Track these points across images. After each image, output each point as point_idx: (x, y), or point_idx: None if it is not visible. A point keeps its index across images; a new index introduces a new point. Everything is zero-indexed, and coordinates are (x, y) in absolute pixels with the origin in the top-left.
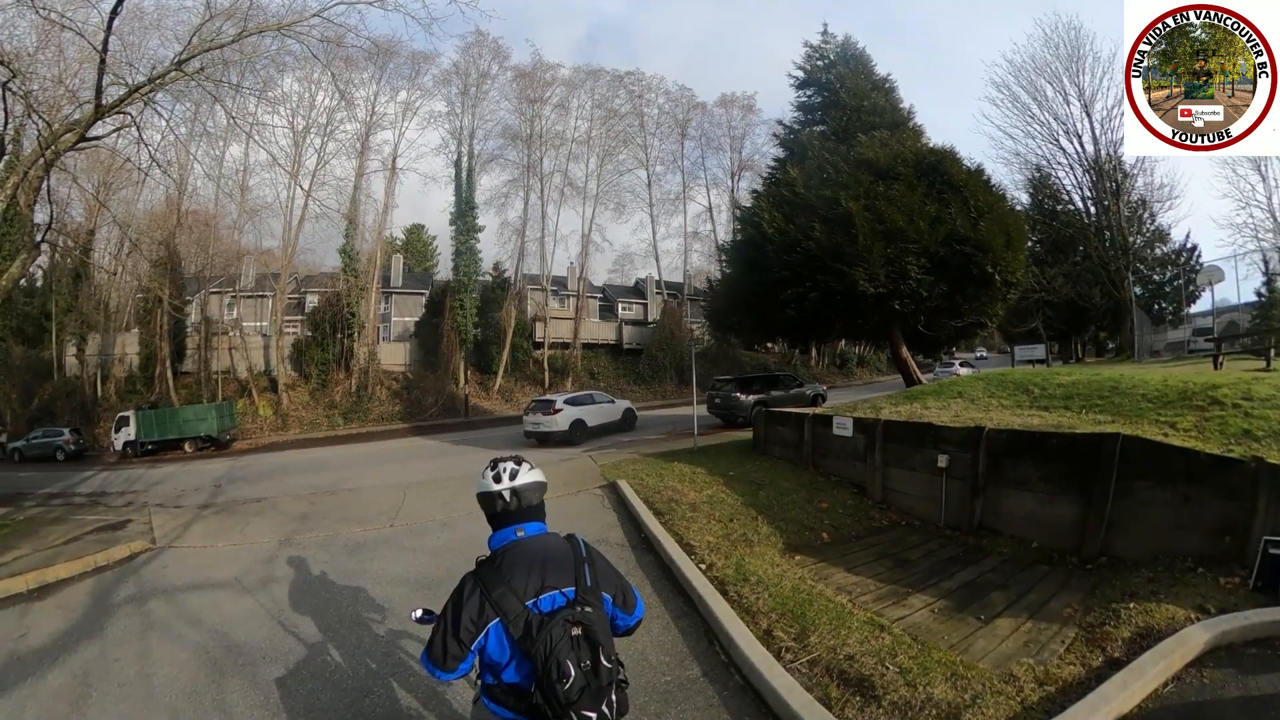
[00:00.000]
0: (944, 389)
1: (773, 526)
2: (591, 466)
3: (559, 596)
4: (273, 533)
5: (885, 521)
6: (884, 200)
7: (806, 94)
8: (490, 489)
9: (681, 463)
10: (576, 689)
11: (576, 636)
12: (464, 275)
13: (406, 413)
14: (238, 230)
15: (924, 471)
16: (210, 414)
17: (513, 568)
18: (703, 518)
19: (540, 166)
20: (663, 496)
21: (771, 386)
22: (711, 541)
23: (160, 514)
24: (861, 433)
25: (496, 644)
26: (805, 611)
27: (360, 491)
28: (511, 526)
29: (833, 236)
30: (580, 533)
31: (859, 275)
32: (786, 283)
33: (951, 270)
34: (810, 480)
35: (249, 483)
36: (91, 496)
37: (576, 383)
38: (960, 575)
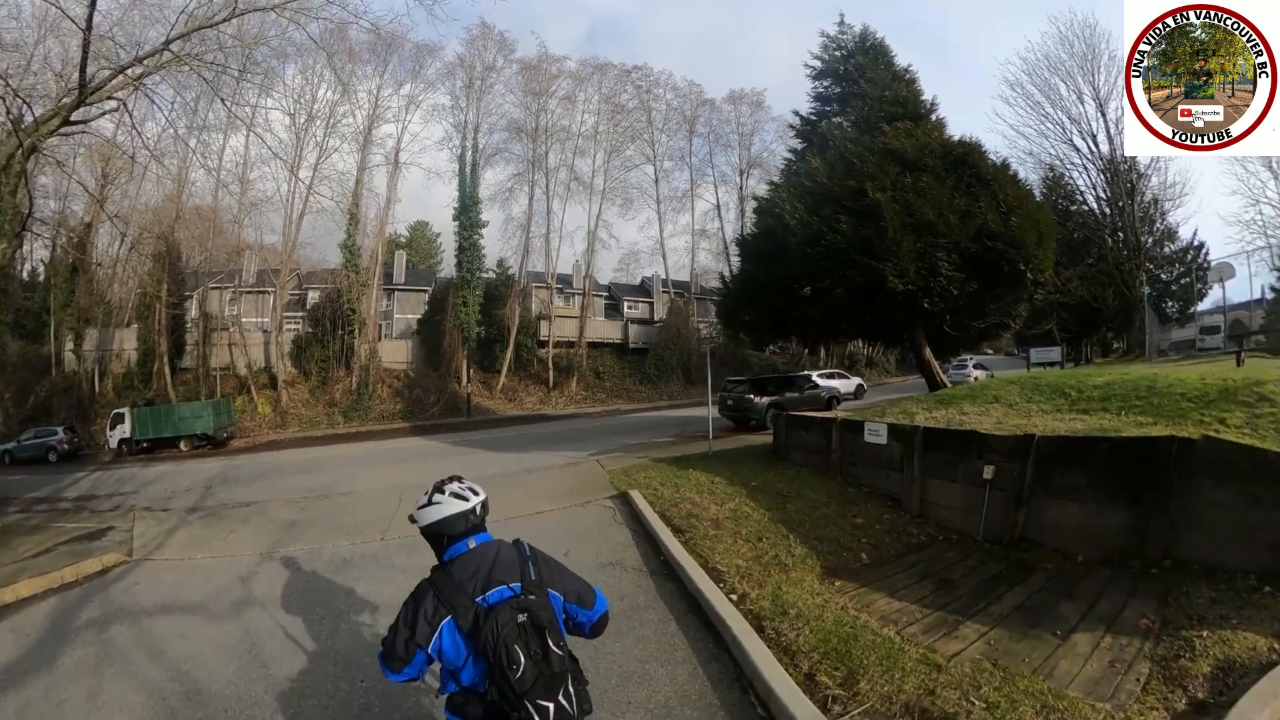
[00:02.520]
0: (977, 393)
1: (807, 546)
2: (598, 472)
3: (505, 590)
4: (256, 543)
5: (924, 537)
6: (912, 192)
7: (823, 84)
8: (461, 509)
9: (697, 470)
10: (529, 678)
11: (523, 623)
12: (467, 271)
13: (408, 411)
14: (237, 224)
15: (966, 482)
16: (206, 411)
17: (464, 571)
18: (728, 536)
19: (546, 161)
20: (681, 510)
21: (786, 388)
22: (741, 566)
23: (144, 520)
24: (898, 440)
25: (451, 642)
26: (851, 649)
27: (354, 496)
28: (465, 539)
29: (860, 229)
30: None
31: (888, 271)
32: (809, 277)
33: (983, 267)
34: (840, 491)
35: (241, 484)
36: (78, 501)
37: (581, 382)
38: (1008, 598)
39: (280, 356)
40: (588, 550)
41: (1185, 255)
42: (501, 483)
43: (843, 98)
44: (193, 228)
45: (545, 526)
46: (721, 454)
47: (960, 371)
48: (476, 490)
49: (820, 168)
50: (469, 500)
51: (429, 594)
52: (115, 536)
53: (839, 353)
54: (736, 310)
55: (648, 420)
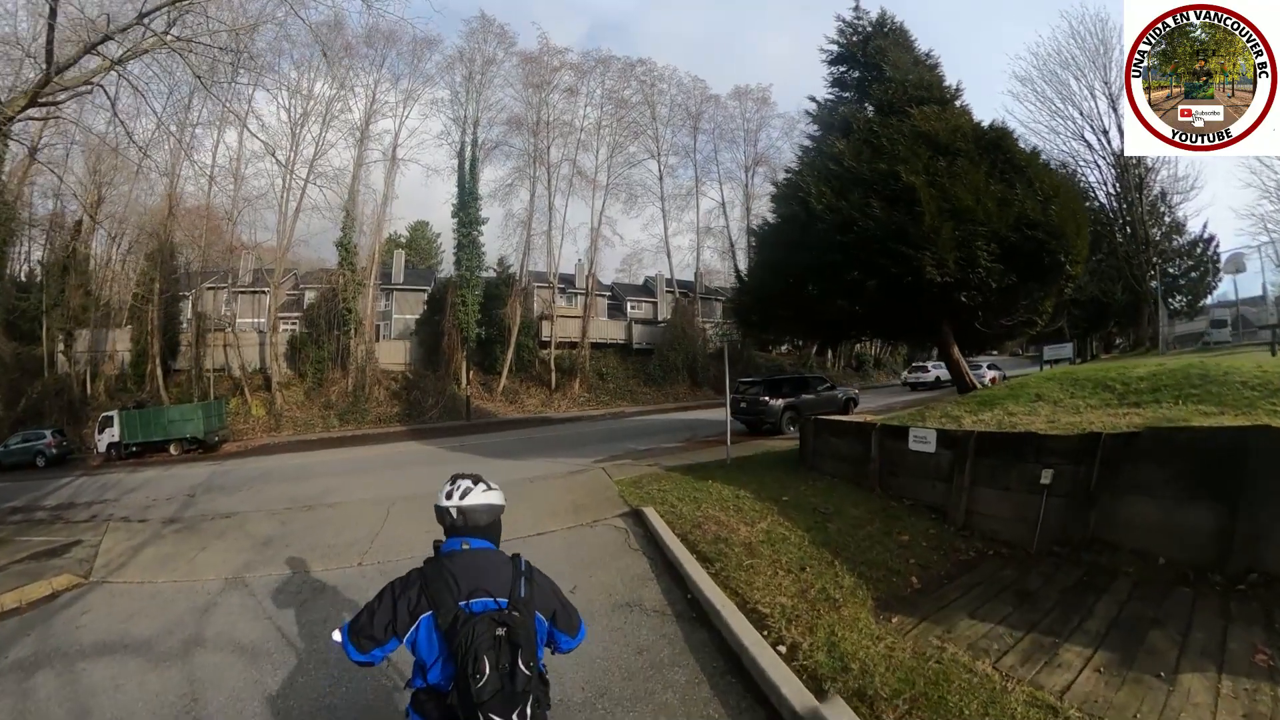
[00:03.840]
0: (1018, 392)
1: (855, 575)
2: (605, 483)
3: (490, 602)
4: (224, 564)
5: (971, 552)
6: (947, 176)
7: (839, 70)
8: (442, 504)
9: (718, 481)
10: (490, 689)
11: (499, 637)
12: (466, 270)
13: (405, 414)
14: (231, 222)
15: (1020, 488)
16: (196, 414)
17: (454, 570)
18: (765, 565)
19: (548, 155)
20: (706, 533)
21: (801, 389)
22: (786, 605)
23: (116, 533)
24: (947, 447)
25: (426, 638)
26: (945, 696)
27: (339, 508)
28: (458, 539)
29: (894, 215)
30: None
31: (926, 260)
32: (836, 268)
33: (1023, 258)
34: (882, 506)
35: (225, 493)
36: (55, 510)
37: (584, 384)
38: (1099, 609)
39: (275, 357)
40: (598, 585)
41: (1194, 249)
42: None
43: (861, 83)
44: (186, 225)
45: (548, 552)
46: (742, 462)
47: (974, 373)
48: (468, 494)
49: (845, 151)
50: (449, 500)
51: (417, 584)
52: (79, 553)
53: (846, 353)
54: (753, 306)
55: (654, 423)
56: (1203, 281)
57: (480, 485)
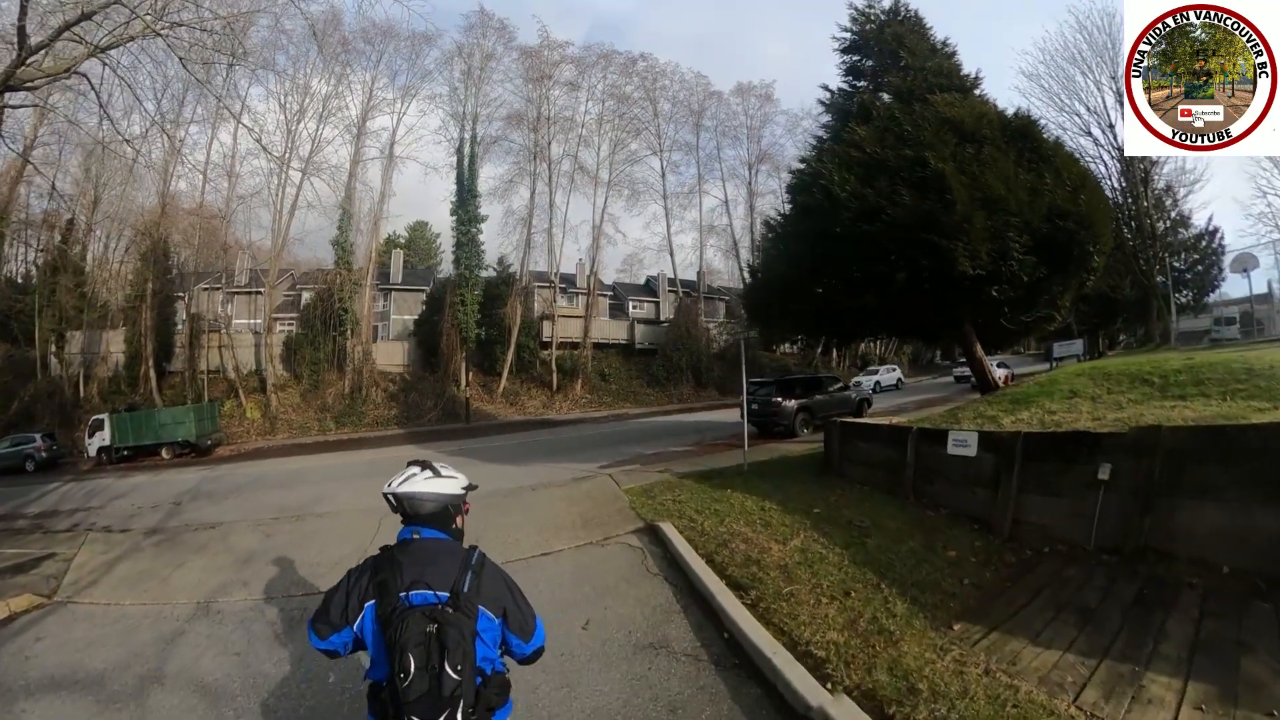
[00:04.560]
0: (1050, 389)
1: (907, 600)
2: (614, 492)
3: (430, 595)
4: (200, 584)
5: (1015, 559)
6: (975, 164)
7: (852, 58)
8: (385, 490)
9: (738, 491)
10: (415, 690)
11: (429, 633)
12: (465, 269)
13: (403, 417)
14: (225, 220)
15: (1072, 490)
16: (189, 417)
17: (401, 559)
18: (806, 591)
19: (548, 151)
20: (734, 553)
21: (814, 390)
22: (837, 642)
23: (93, 545)
24: (990, 450)
25: (371, 628)
26: None
27: (329, 519)
28: (409, 527)
29: (924, 203)
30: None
31: (959, 251)
32: (865, 259)
33: (1054, 249)
34: (919, 517)
35: (213, 500)
36: (38, 518)
37: (586, 385)
38: (1173, 629)
39: (270, 359)
40: (615, 619)
41: (1199, 242)
42: (501, 504)
43: (876, 70)
44: (180, 225)
45: (555, 577)
46: (760, 468)
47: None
48: (409, 480)
49: (867, 136)
50: (388, 486)
51: (369, 570)
52: (49, 568)
53: (851, 353)
54: (767, 302)
55: (660, 426)
56: (1207, 276)
57: (426, 472)
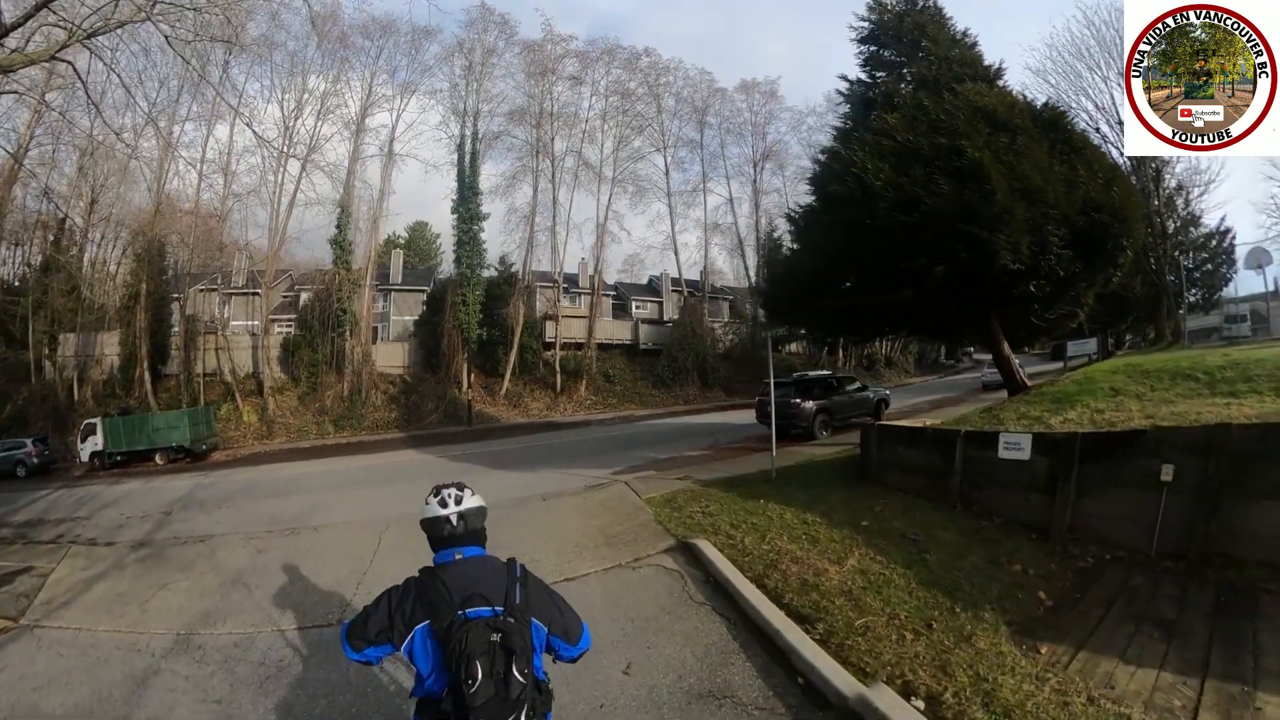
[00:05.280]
0: (1089, 387)
1: (986, 623)
2: (634, 503)
3: (486, 610)
4: (182, 610)
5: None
6: (1011, 154)
7: (870, 48)
8: (437, 514)
9: (772, 501)
10: (482, 696)
11: (494, 642)
12: (467, 268)
13: (404, 420)
14: (220, 219)
15: (1131, 493)
16: (183, 421)
17: (448, 579)
18: (882, 623)
19: (551, 147)
20: (786, 575)
21: (832, 390)
22: (944, 698)
23: (74, 559)
24: (1045, 453)
25: (422, 648)
26: None
27: (325, 532)
28: (451, 549)
29: (963, 193)
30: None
31: (1001, 244)
32: (904, 252)
33: (1089, 242)
34: (973, 527)
35: (205, 510)
36: (22, 527)
37: (590, 386)
38: (1267, 641)
39: (267, 361)
40: (661, 661)
41: (1210, 241)
42: (512, 518)
43: (895, 62)
44: (175, 224)
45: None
46: (788, 474)
47: (994, 371)
48: (462, 499)
49: (898, 125)
50: (445, 508)
51: (412, 594)
52: (22, 584)
53: (857, 352)
54: (788, 298)
55: (670, 428)
56: (1217, 275)
57: (468, 490)
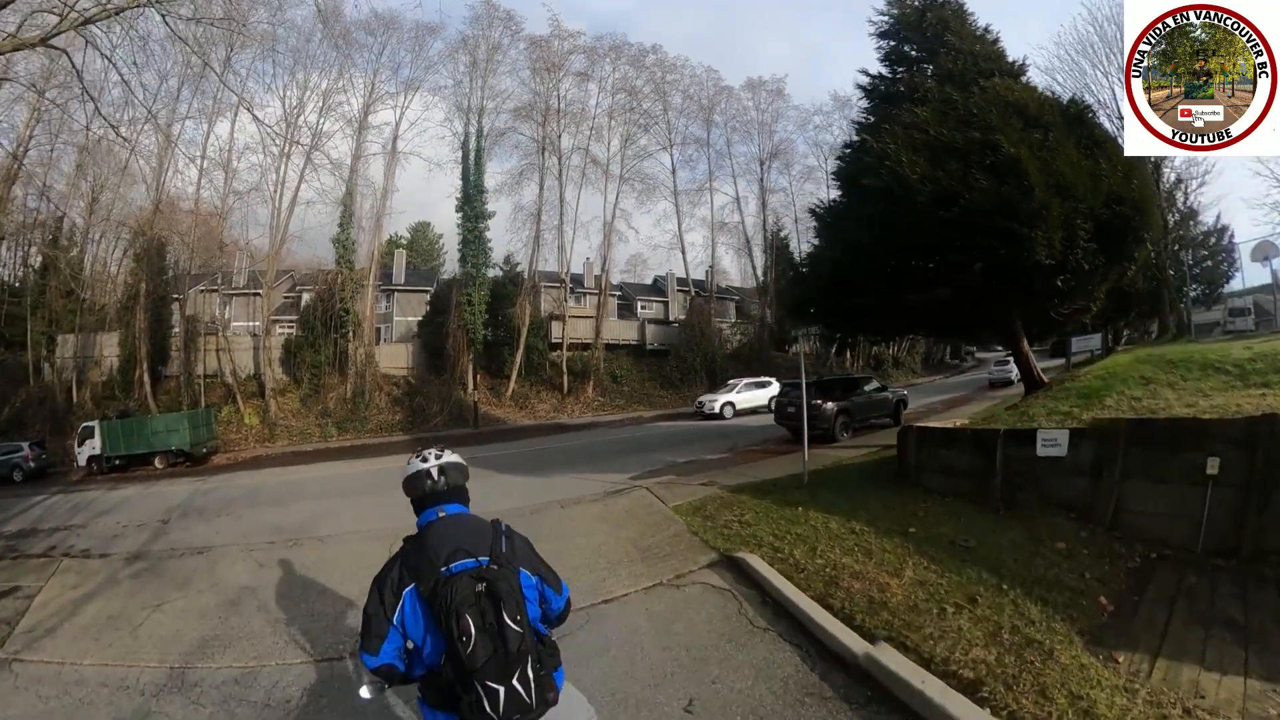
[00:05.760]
0: (1114, 380)
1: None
2: (661, 511)
3: (471, 561)
4: (178, 637)
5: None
6: (1043, 149)
7: (892, 43)
8: (418, 468)
9: (812, 508)
10: (481, 654)
11: (479, 592)
12: (472, 267)
13: (408, 422)
14: (220, 217)
15: (1177, 485)
16: (182, 424)
17: (432, 539)
18: (981, 647)
19: (558, 144)
20: (850, 592)
21: (852, 390)
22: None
23: (65, 575)
24: (1088, 440)
25: (412, 614)
26: None
27: (331, 544)
28: (434, 507)
29: (1001, 188)
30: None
31: (1038, 240)
32: (942, 248)
33: (1112, 235)
34: (1017, 529)
35: (204, 518)
36: (14, 538)
37: (598, 387)
38: None
39: (269, 362)
40: (732, 696)
41: (1209, 238)
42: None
43: (916, 57)
44: (174, 222)
45: (629, 636)
46: (821, 479)
47: (1002, 368)
48: (442, 455)
49: (929, 118)
50: (426, 462)
51: (397, 563)
52: (6, 608)
53: (864, 352)
54: (817, 297)
55: (682, 430)
56: (1217, 270)
57: (448, 450)
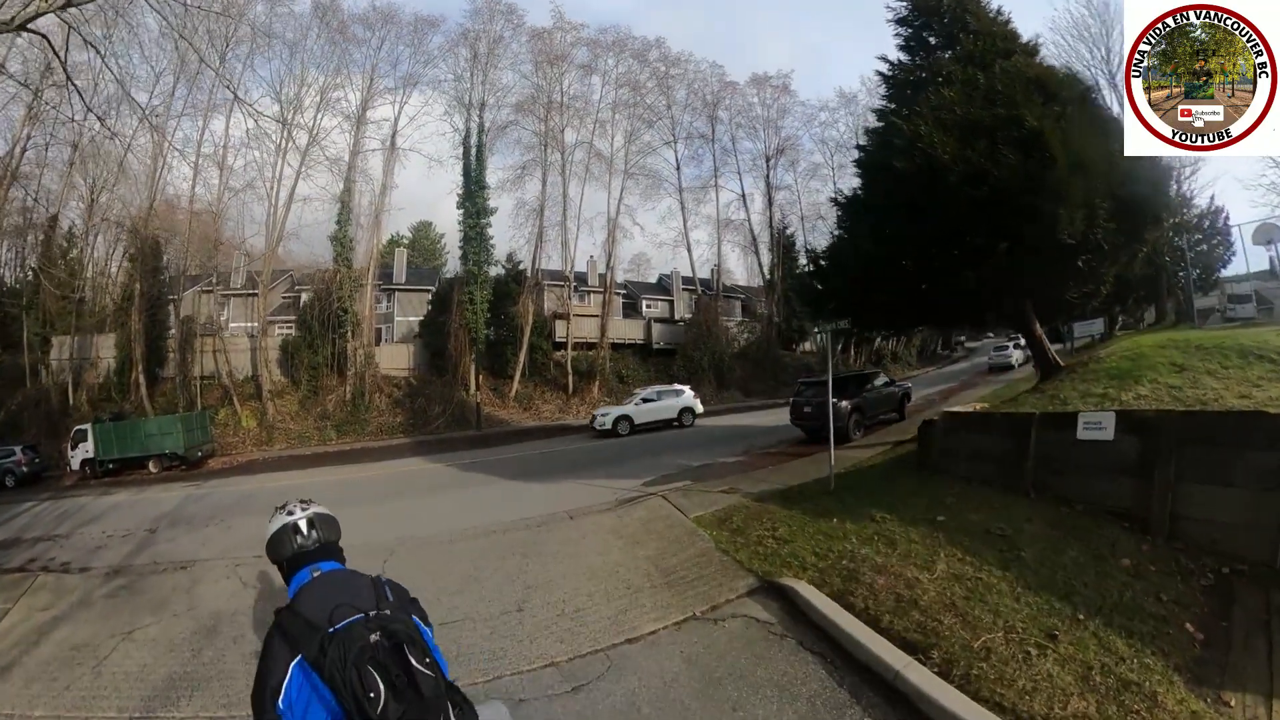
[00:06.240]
0: (1142, 365)
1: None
2: (682, 524)
3: (357, 616)
4: (144, 674)
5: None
6: (1065, 124)
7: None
8: (283, 523)
9: (850, 520)
10: (394, 711)
11: (375, 642)
12: (473, 264)
13: (409, 424)
14: (215, 215)
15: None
16: (176, 427)
17: (309, 602)
18: (1074, 693)
19: (561, 138)
20: (942, 628)
21: (862, 387)
22: None
23: (37, 595)
24: (1133, 434)
25: (300, 691)
26: None
27: None
28: (307, 567)
29: (1029, 165)
30: None
31: (1061, 217)
32: (966, 231)
33: (1129, 215)
34: (1054, 516)
35: (192, 527)
36: None
37: (603, 387)
38: None
39: (266, 363)
40: None
41: (1203, 221)
42: (535, 543)
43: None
44: (169, 221)
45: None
46: (848, 483)
47: (1001, 353)
48: (309, 506)
49: (955, 98)
50: (293, 515)
51: (275, 639)
52: None
53: (866, 349)
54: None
55: (694, 431)
56: (1213, 254)
57: (314, 502)
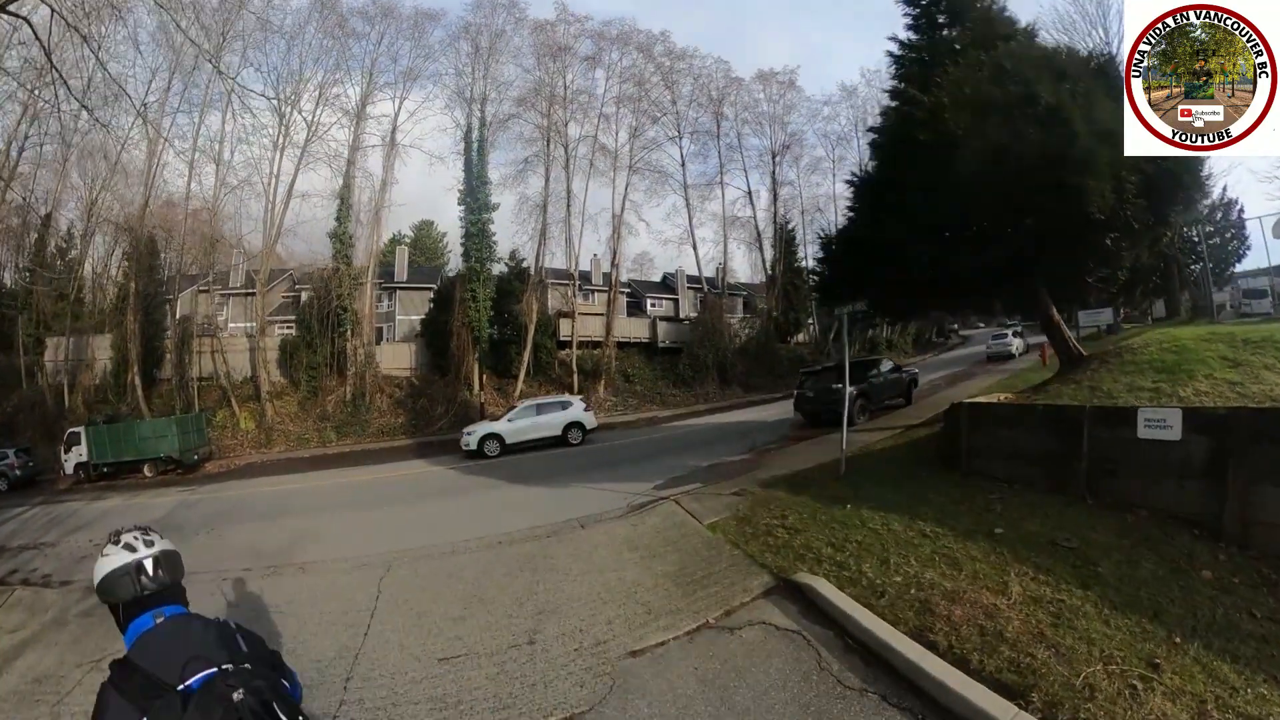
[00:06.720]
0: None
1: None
2: (692, 527)
3: (214, 670)
4: None
5: None
6: (1082, 97)
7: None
8: (123, 561)
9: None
10: None
11: (240, 701)
12: (476, 261)
13: (411, 425)
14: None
15: None
16: (171, 430)
17: (151, 654)
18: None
19: (564, 132)
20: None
21: (868, 372)
22: None
23: (9, 613)
24: (1202, 433)
25: None
26: None
27: (314, 573)
28: (149, 612)
29: (1049, 138)
30: None
31: (1090, 189)
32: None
33: (1160, 191)
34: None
35: (183, 536)
36: None
37: (609, 387)
38: None
39: (264, 364)
40: None
41: (1215, 214)
42: (548, 554)
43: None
44: (165, 219)
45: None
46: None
47: (1000, 341)
48: (153, 541)
49: (967, 76)
50: (135, 552)
51: (111, 699)
52: None
53: (860, 337)
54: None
55: (700, 430)
56: (1226, 248)
57: (155, 533)
